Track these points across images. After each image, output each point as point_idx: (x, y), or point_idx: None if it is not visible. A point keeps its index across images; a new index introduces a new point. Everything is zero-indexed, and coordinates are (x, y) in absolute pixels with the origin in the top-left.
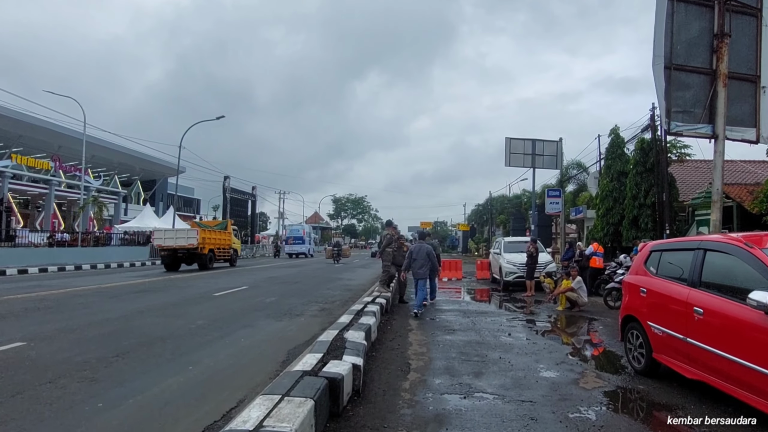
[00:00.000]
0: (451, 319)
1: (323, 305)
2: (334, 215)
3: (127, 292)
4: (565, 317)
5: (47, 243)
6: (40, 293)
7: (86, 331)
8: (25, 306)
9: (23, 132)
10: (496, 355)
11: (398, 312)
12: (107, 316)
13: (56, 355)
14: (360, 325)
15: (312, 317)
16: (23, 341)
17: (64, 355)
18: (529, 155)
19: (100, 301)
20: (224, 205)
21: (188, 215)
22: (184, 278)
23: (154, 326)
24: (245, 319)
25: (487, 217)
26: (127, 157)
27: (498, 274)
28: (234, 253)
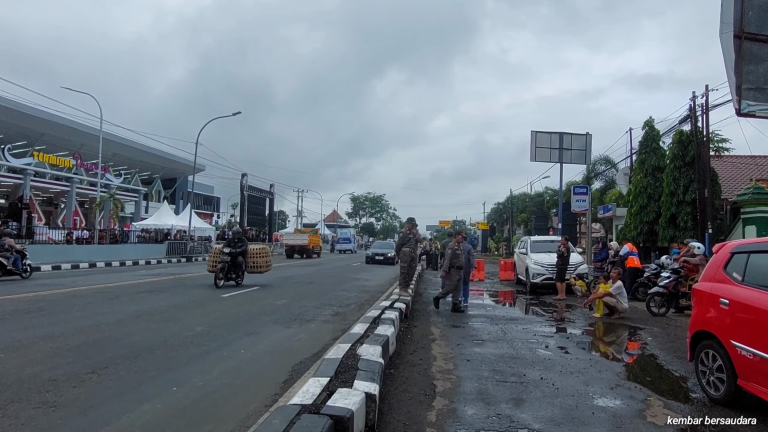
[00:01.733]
0: (477, 326)
1: (337, 309)
2: (352, 214)
3: (130, 292)
4: (606, 326)
5: (65, 240)
6: (40, 293)
7: (69, 339)
8: (16, 308)
9: (46, 130)
10: (536, 374)
11: (419, 317)
12: (99, 320)
13: (24, 370)
14: (376, 338)
15: (324, 323)
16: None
17: (32, 370)
18: (556, 149)
19: (98, 303)
20: (242, 203)
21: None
22: (194, 277)
23: (146, 333)
24: (250, 325)
25: (507, 215)
26: (148, 156)
27: (524, 276)
28: (320, 249)
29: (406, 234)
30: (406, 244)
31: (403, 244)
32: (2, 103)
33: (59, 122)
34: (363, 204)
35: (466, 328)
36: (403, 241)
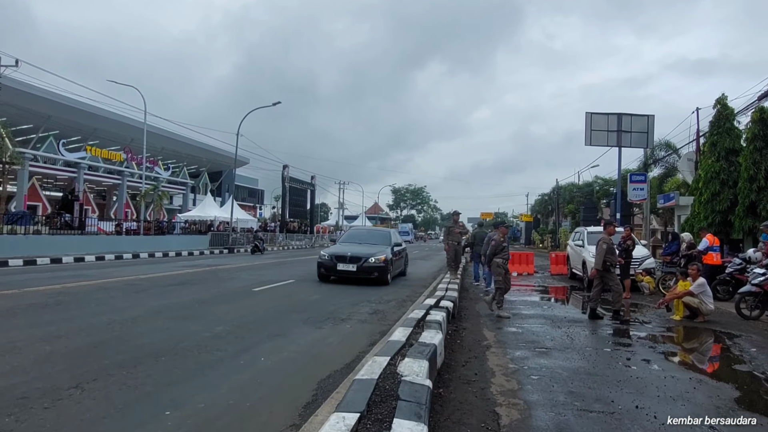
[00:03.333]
0: (537, 329)
1: (375, 306)
2: (393, 206)
3: (160, 284)
4: (691, 331)
5: (115, 231)
6: (67, 285)
7: (70, 341)
8: (34, 301)
9: (98, 125)
10: (627, 399)
11: (468, 316)
12: (113, 317)
13: None
14: (421, 348)
15: (360, 323)
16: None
17: (8, 381)
18: (613, 132)
19: (121, 297)
20: (283, 195)
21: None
22: (231, 269)
23: (159, 334)
24: (277, 324)
25: (552, 207)
26: (194, 149)
27: (579, 270)
28: None
29: (448, 228)
30: (451, 235)
31: (448, 235)
32: (59, 99)
33: (111, 117)
34: (404, 196)
35: (525, 332)
36: (448, 231)
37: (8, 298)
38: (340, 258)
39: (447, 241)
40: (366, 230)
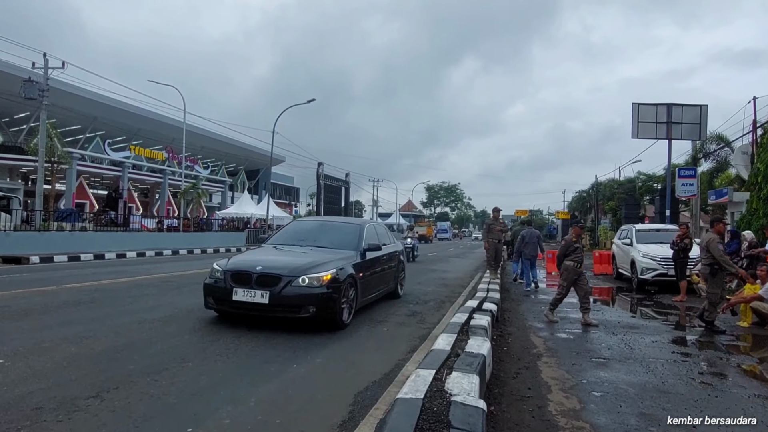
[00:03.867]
0: (590, 335)
1: (413, 307)
2: (427, 203)
3: (194, 282)
4: (764, 341)
5: (157, 228)
6: (103, 282)
7: (97, 342)
8: (68, 299)
9: (142, 125)
10: (712, 424)
11: (512, 319)
12: (145, 316)
13: (15, 388)
14: (469, 359)
15: (398, 326)
16: (3, 357)
17: (25, 388)
18: (663, 124)
19: (155, 295)
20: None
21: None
22: None
23: (188, 336)
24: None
25: (591, 204)
26: (232, 148)
27: (627, 270)
28: (433, 236)
29: (488, 224)
30: (492, 233)
31: (488, 232)
32: (105, 101)
33: (153, 118)
34: (438, 193)
35: (576, 339)
36: (488, 229)
37: (44, 295)
38: (238, 277)
39: (487, 238)
40: (319, 223)
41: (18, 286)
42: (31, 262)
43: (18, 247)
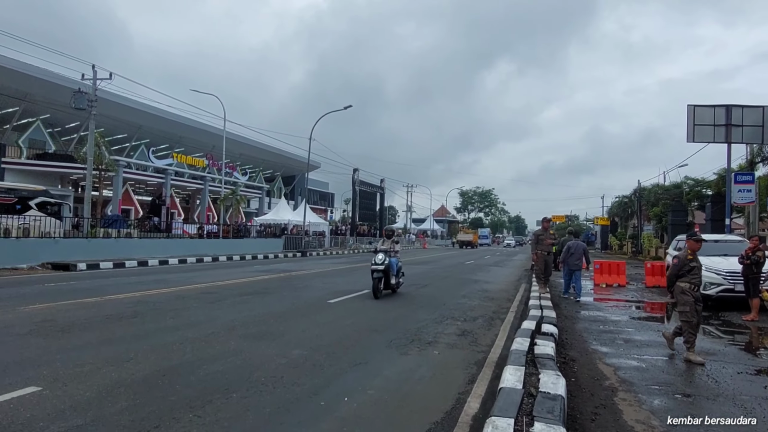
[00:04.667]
0: (662, 363)
1: (462, 325)
2: (461, 208)
3: (234, 294)
4: None
5: (197, 234)
6: (146, 293)
7: (141, 364)
8: (111, 312)
9: (184, 133)
10: None
11: (571, 342)
12: (187, 334)
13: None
14: (548, 404)
15: (449, 348)
16: (40, 384)
17: (64, 425)
18: (721, 126)
19: (196, 308)
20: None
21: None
22: (304, 276)
23: (232, 358)
24: (358, 348)
25: (632, 209)
26: (270, 155)
27: None
28: (477, 243)
29: (537, 235)
30: (541, 244)
31: (537, 243)
32: (150, 110)
33: (195, 126)
34: (471, 199)
35: (650, 368)
36: (537, 240)
37: (88, 308)
38: None
39: (536, 250)
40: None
41: (64, 296)
42: (78, 269)
43: (66, 253)
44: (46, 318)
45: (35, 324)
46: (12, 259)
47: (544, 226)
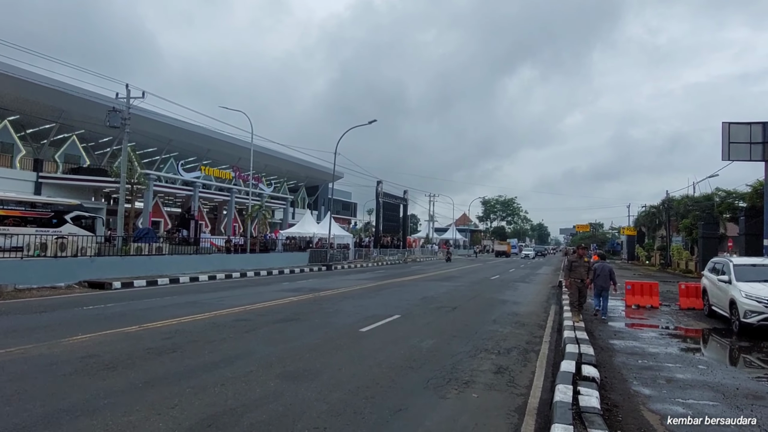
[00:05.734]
0: (711, 409)
1: (497, 359)
2: (483, 217)
3: (268, 321)
4: None
5: (225, 248)
6: (182, 320)
7: (185, 411)
8: (151, 344)
9: (211, 146)
10: None
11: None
12: (226, 373)
13: None
14: None
15: (487, 390)
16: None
17: None
18: (758, 144)
19: (233, 339)
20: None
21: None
22: (333, 297)
23: (273, 405)
24: (395, 390)
25: (660, 220)
26: (293, 166)
27: (724, 310)
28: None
29: (574, 260)
30: (575, 271)
31: (570, 270)
32: (179, 124)
33: (222, 139)
34: (494, 207)
35: (698, 415)
36: (570, 267)
37: (129, 339)
38: None
39: (569, 277)
40: None
41: (104, 324)
42: (113, 287)
43: (101, 271)
44: (90, 353)
45: (80, 360)
46: (51, 278)
47: (579, 254)
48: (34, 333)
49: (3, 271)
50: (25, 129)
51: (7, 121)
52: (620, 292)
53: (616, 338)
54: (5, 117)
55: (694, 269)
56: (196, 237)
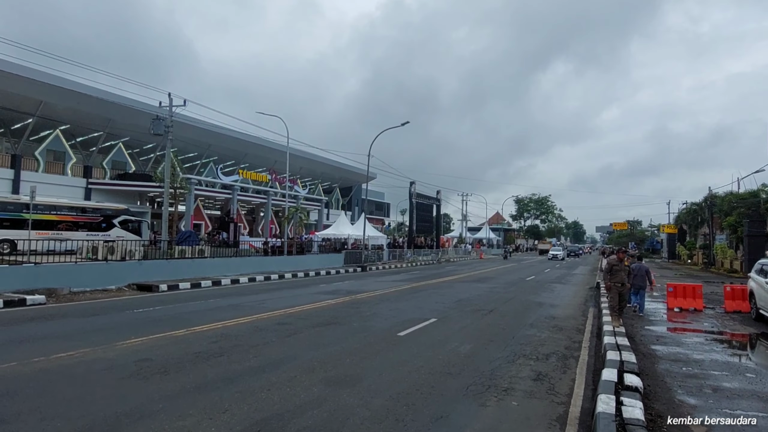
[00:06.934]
0: (763, 422)
1: (535, 365)
2: (516, 216)
3: (308, 325)
4: None
5: (263, 249)
6: (226, 324)
7: (235, 416)
8: (199, 349)
9: (248, 150)
10: None
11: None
12: (272, 377)
13: None
14: None
15: (527, 398)
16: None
17: None
18: None
19: (276, 344)
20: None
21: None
22: (369, 300)
23: (317, 411)
24: (436, 396)
25: (702, 217)
26: (327, 167)
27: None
28: None
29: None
30: (615, 275)
31: (610, 273)
32: (217, 129)
33: (258, 143)
34: (527, 206)
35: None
36: (611, 270)
37: (178, 344)
38: None
39: (609, 282)
40: None
41: (154, 328)
42: (160, 290)
43: (149, 274)
44: (144, 357)
45: (134, 364)
46: (102, 280)
47: (619, 257)
48: (91, 336)
49: (60, 275)
50: (75, 138)
51: (59, 130)
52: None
53: (659, 343)
54: (57, 127)
55: (739, 269)
56: (236, 239)
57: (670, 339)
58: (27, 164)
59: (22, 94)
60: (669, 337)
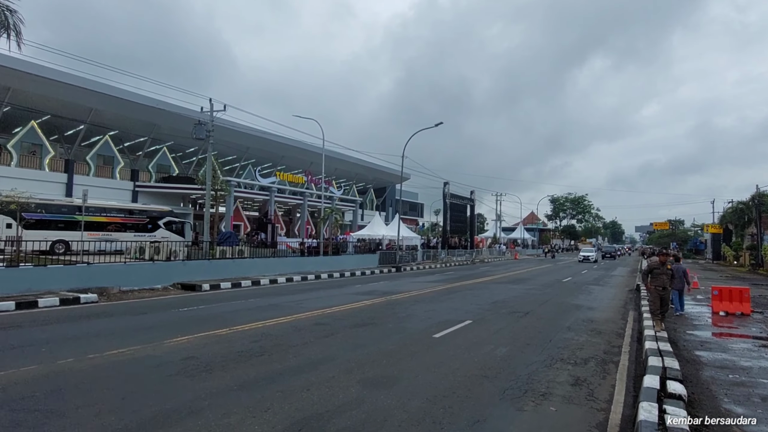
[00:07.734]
0: None
1: (573, 369)
2: (552, 215)
3: (345, 325)
4: None
5: (299, 250)
6: (266, 323)
7: (277, 415)
8: (241, 348)
9: (285, 152)
10: None
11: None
12: (311, 378)
13: None
14: None
15: (565, 403)
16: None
17: None
18: None
19: (313, 343)
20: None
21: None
22: (405, 301)
23: (356, 413)
24: (473, 399)
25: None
26: (362, 168)
27: None
28: None
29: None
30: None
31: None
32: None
33: (294, 145)
34: (563, 205)
35: None
36: (649, 271)
37: (221, 342)
38: None
39: (651, 284)
40: None
41: (198, 326)
42: (203, 289)
43: (192, 274)
44: (189, 355)
45: (181, 362)
46: (149, 280)
47: (661, 260)
48: (140, 334)
49: (111, 275)
50: (123, 142)
51: (108, 136)
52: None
53: (703, 349)
54: (106, 133)
55: None
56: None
57: (715, 345)
58: (79, 168)
59: (75, 102)
60: (714, 343)
